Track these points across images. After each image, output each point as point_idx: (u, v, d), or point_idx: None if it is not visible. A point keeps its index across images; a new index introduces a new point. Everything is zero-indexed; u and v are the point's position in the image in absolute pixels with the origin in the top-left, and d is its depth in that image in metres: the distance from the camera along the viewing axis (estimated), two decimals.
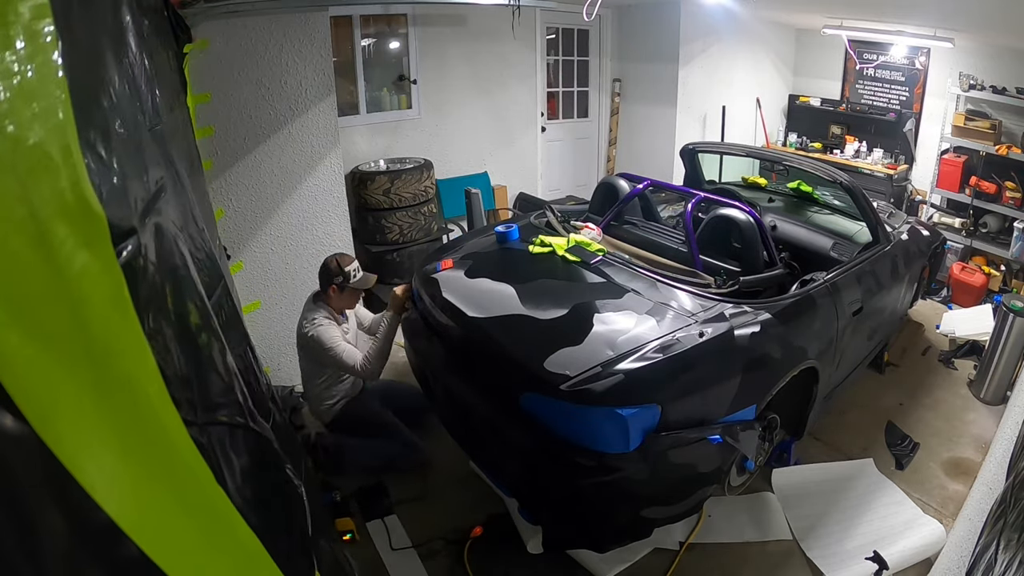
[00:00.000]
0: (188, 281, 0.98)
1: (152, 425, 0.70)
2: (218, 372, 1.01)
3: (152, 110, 1.13)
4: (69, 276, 0.58)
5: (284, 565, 0.95)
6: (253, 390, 1.15)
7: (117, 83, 0.87)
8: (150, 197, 0.90)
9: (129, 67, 0.99)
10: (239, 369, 1.11)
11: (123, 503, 0.61)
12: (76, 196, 0.60)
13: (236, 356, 1.16)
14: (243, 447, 1.01)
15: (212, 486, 0.81)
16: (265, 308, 3.35)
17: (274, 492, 1.13)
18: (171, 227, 0.97)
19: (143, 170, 0.91)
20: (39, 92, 0.57)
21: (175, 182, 1.18)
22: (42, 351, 0.53)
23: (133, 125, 0.91)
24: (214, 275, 1.29)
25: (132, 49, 1.04)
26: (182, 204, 1.18)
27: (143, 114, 1.02)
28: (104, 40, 0.87)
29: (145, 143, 0.98)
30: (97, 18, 0.86)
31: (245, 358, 1.35)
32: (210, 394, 0.94)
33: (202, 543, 0.77)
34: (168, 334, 0.81)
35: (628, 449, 1.90)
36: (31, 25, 0.57)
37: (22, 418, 0.50)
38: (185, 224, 1.14)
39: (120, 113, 0.85)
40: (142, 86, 1.06)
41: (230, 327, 1.30)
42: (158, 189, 0.96)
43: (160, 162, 1.05)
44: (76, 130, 0.61)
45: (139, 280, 0.74)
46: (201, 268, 1.15)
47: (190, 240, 1.13)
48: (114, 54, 0.91)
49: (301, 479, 1.32)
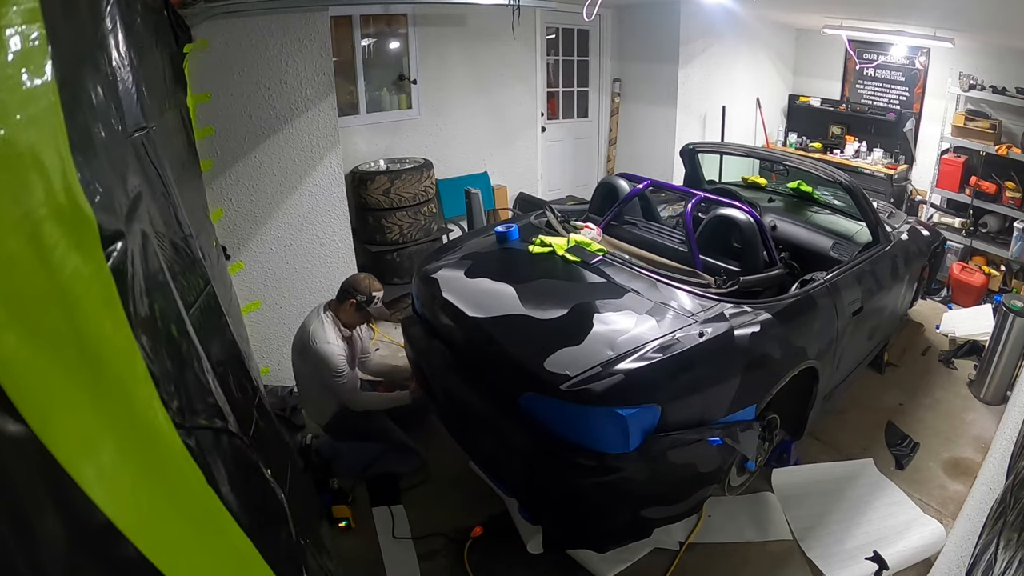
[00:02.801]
0: (168, 287, 0.98)
1: (146, 426, 0.70)
2: (196, 377, 1.00)
3: (137, 114, 1.13)
4: (62, 278, 0.58)
5: (275, 566, 0.95)
6: (233, 396, 1.14)
7: (100, 87, 0.87)
8: (131, 202, 0.91)
9: (112, 71, 0.99)
10: (220, 375, 1.10)
11: (121, 503, 0.61)
12: (68, 199, 0.60)
13: (218, 363, 1.15)
14: (227, 451, 1.01)
15: (204, 487, 0.81)
16: (265, 308, 3.35)
17: (256, 497, 1.13)
18: (152, 233, 0.97)
19: (123, 175, 0.92)
20: (31, 96, 0.57)
21: (158, 187, 1.18)
22: (39, 352, 0.54)
23: (113, 130, 0.92)
24: (197, 282, 1.28)
25: (116, 52, 1.04)
26: (164, 210, 1.17)
27: (123, 119, 1.02)
28: (88, 44, 0.87)
29: (124, 148, 0.98)
30: (81, 23, 0.86)
31: (230, 365, 1.35)
32: (191, 398, 0.94)
33: (197, 543, 0.77)
34: (154, 336, 0.82)
35: (628, 449, 1.90)
36: (22, 29, 0.57)
37: (21, 419, 0.50)
38: (167, 230, 1.14)
39: (103, 117, 0.85)
40: (125, 90, 1.06)
41: (214, 334, 1.29)
42: (136, 195, 0.96)
43: (138, 168, 1.05)
44: (67, 134, 0.62)
45: (127, 283, 0.74)
46: (182, 275, 1.15)
47: (171, 247, 1.12)
48: (97, 58, 0.91)
49: (285, 484, 1.31)
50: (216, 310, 1.41)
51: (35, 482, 0.53)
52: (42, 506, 0.53)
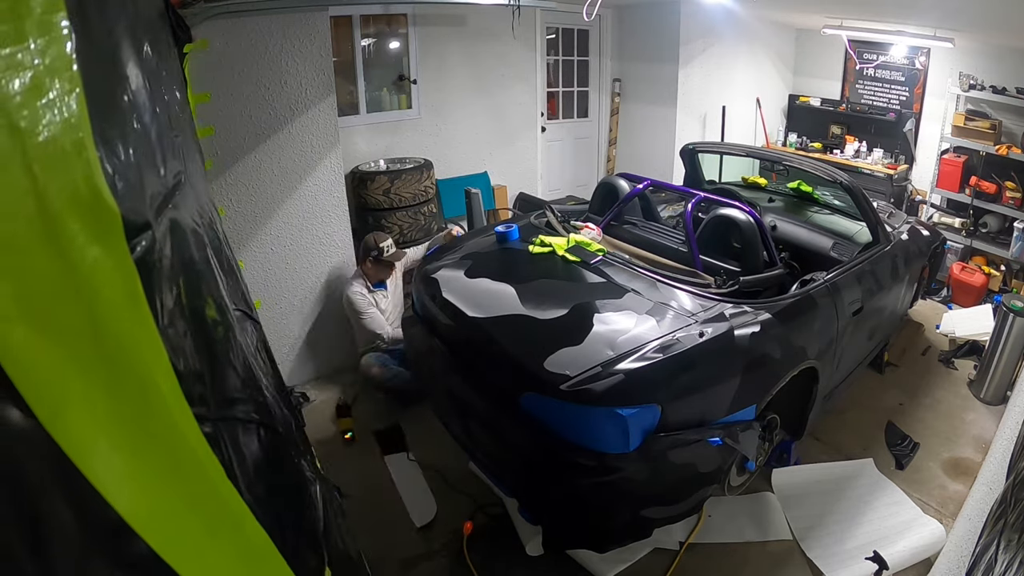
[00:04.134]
0: (207, 275, 0.97)
1: (163, 421, 0.69)
2: (234, 367, 1.00)
3: (177, 104, 1.12)
4: (81, 271, 0.58)
5: (294, 561, 0.95)
6: (271, 384, 1.14)
7: (135, 78, 0.86)
8: (168, 191, 0.90)
9: (148, 62, 0.98)
10: (258, 364, 1.10)
11: (133, 500, 0.61)
12: (89, 190, 0.60)
13: (254, 351, 1.15)
14: (257, 442, 1.00)
15: (223, 482, 0.80)
16: (265, 308, 3.34)
17: (286, 488, 1.13)
18: (189, 221, 0.97)
19: (161, 163, 0.91)
20: (52, 86, 0.57)
21: (193, 177, 1.17)
22: (53, 346, 0.53)
23: (150, 119, 0.91)
24: (230, 269, 1.28)
25: (142, 45, 1.04)
26: (200, 198, 1.17)
27: (163, 109, 1.01)
28: (122, 35, 0.86)
29: (165, 137, 0.98)
30: (114, 12, 0.85)
31: (262, 352, 1.35)
32: (226, 389, 0.94)
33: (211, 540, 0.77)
34: (182, 329, 0.81)
35: (628, 449, 1.90)
36: (44, 18, 0.57)
37: (31, 414, 0.50)
38: (203, 217, 1.13)
39: (138, 108, 0.84)
40: (162, 81, 1.05)
41: (246, 320, 1.30)
42: (176, 183, 0.95)
43: (179, 155, 1.05)
44: (90, 124, 0.61)
45: (153, 275, 0.73)
46: (221, 261, 1.14)
47: (211, 232, 1.12)
48: (133, 49, 0.90)
49: (316, 475, 1.32)
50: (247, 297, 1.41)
51: (45, 478, 0.52)
52: (52, 502, 0.53)
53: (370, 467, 2.87)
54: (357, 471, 2.83)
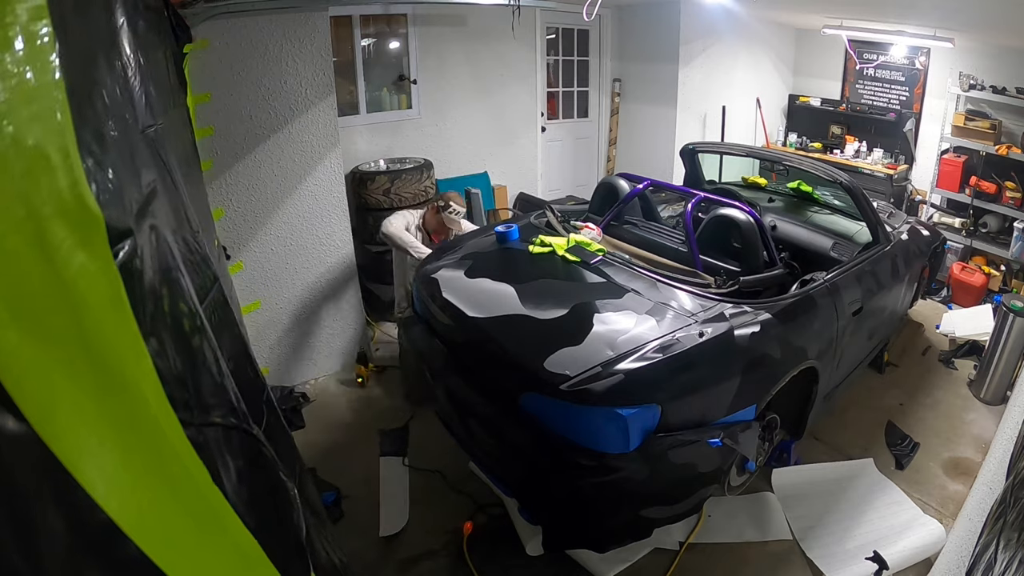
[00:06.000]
0: (181, 283, 0.98)
1: (150, 424, 0.70)
2: (211, 373, 1.01)
3: (146, 111, 1.13)
4: (67, 276, 0.58)
5: (280, 566, 0.95)
6: (246, 392, 1.15)
7: (111, 85, 0.87)
8: (143, 199, 0.90)
9: (122, 68, 0.99)
10: (231, 371, 1.11)
11: (122, 502, 0.61)
12: (74, 196, 0.60)
13: (229, 358, 1.15)
14: (237, 448, 1.01)
15: (209, 486, 0.81)
16: (265, 308, 3.35)
17: (267, 493, 1.13)
18: (164, 229, 0.97)
19: (136, 172, 0.92)
20: (37, 93, 0.57)
21: (168, 184, 1.18)
22: (41, 350, 0.54)
23: (126, 127, 0.91)
24: (207, 277, 1.29)
25: (126, 50, 1.04)
26: (175, 206, 1.17)
27: (136, 116, 1.02)
28: (98, 41, 0.87)
29: (137, 145, 0.98)
30: (91, 20, 0.86)
31: (239, 360, 1.35)
32: (203, 395, 0.94)
33: (200, 542, 0.77)
34: (164, 335, 0.81)
35: (628, 449, 1.90)
36: (29, 26, 0.57)
37: (22, 417, 0.50)
38: (179, 226, 1.14)
39: (114, 114, 0.85)
40: (136, 87, 1.06)
41: (224, 329, 1.30)
42: (150, 192, 0.96)
43: (152, 164, 1.05)
44: (74, 131, 0.61)
45: (135, 281, 0.74)
46: (194, 271, 1.15)
47: (183, 243, 1.12)
48: (108, 56, 0.91)
49: (295, 481, 1.31)
50: (226, 306, 1.42)
51: (35, 481, 0.53)
52: (43, 505, 0.53)
53: (373, 467, 2.86)
54: (361, 470, 2.83)
